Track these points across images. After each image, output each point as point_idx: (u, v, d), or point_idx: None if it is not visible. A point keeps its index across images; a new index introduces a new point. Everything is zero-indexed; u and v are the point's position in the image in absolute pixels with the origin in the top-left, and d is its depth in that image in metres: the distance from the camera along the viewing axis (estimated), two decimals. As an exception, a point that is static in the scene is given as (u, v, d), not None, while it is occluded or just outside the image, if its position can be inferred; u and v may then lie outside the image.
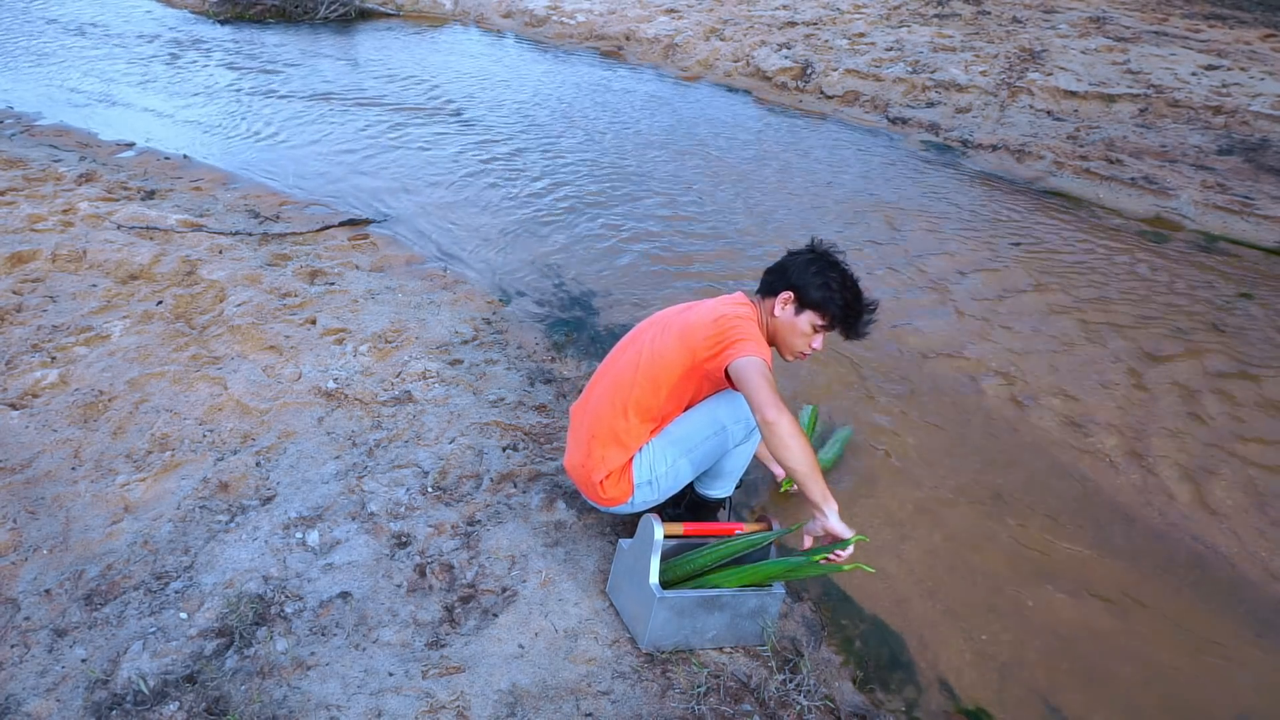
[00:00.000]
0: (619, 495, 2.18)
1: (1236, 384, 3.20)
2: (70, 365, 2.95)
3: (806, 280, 2.09)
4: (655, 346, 2.13)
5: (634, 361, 2.15)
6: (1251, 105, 5.85)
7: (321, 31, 9.00)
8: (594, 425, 2.16)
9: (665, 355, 2.10)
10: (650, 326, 2.23)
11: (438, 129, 6.01)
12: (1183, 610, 2.26)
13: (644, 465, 2.15)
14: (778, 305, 2.12)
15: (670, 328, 2.16)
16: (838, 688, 2.00)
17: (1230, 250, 4.31)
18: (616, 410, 2.13)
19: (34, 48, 8.10)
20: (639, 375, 2.12)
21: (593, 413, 2.18)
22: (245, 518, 2.33)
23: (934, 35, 7.68)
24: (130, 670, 1.86)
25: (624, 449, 2.14)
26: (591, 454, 2.16)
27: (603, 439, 2.14)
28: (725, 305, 2.13)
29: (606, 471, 2.15)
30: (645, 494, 2.19)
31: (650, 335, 2.18)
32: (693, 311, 2.17)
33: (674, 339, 2.11)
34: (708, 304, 2.19)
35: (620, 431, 2.13)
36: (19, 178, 4.66)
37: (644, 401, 2.11)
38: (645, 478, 2.16)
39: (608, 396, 2.16)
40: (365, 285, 3.69)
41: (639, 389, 2.11)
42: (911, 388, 3.16)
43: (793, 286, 2.10)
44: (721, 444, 2.14)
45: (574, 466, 2.24)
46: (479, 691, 1.85)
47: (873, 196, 4.93)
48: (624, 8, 9.04)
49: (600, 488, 2.17)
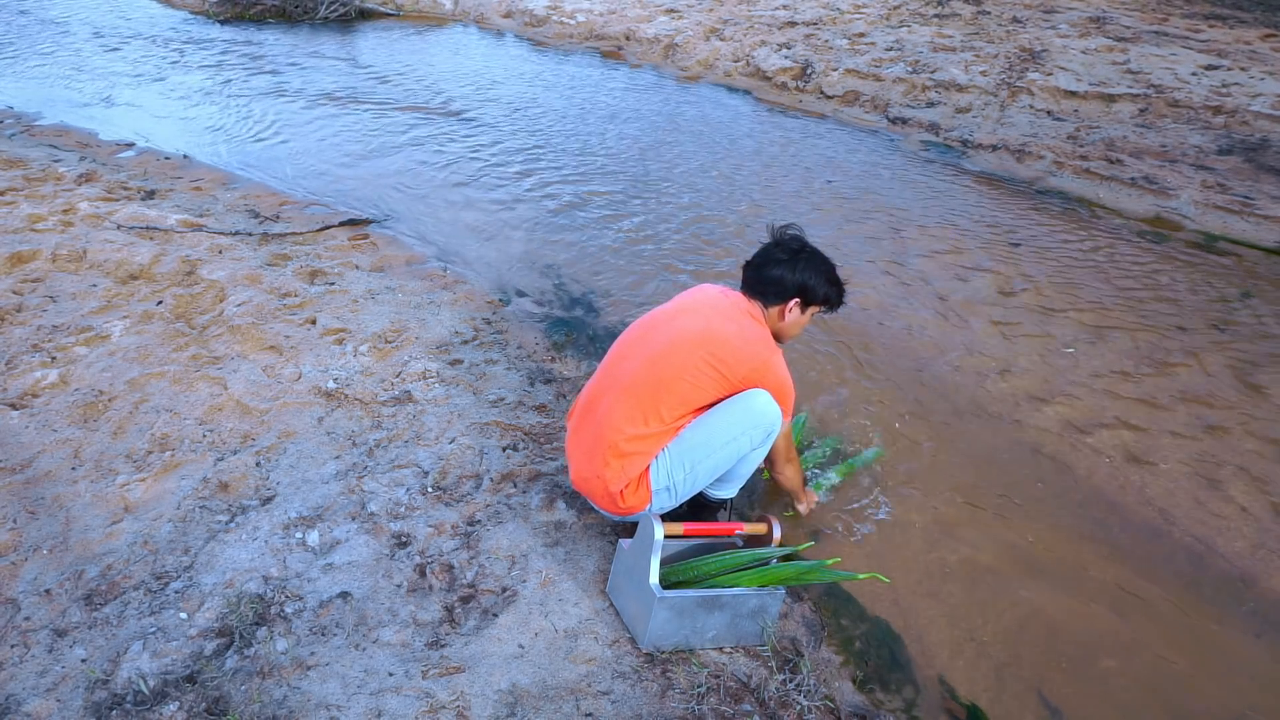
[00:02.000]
0: (637, 504, 2.16)
1: (1236, 384, 3.20)
2: (70, 365, 2.95)
3: (808, 283, 2.22)
4: (674, 358, 2.11)
5: (649, 371, 2.12)
6: (1251, 105, 5.85)
7: (321, 31, 9.00)
8: (609, 436, 2.13)
9: (689, 370, 2.09)
10: (653, 331, 2.21)
11: (438, 129, 6.01)
12: (1182, 609, 2.26)
13: (661, 472, 2.14)
14: (787, 312, 2.24)
15: (685, 336, 2.13)
16: (838, 688, 2.00)
17: (1230, 250, 4.31)
18: (635, 420, 2.11)
19: (34, 48, 8.11)
20: (658, 387, 2.10)
21: (605, 423, 2.14)
22: (245, 518, 2.33)
23: (934, 35, 7.68)
24: (130, 670, 1.86)
25: (642, 458, 2.13)
26: (609, 465, 2.13)
27: (620, 450, 2.11)
28: (748, 327, 2.17)
29: (626, 481, 2.13)
30: (663, 500, 2.18)
31: (660, 341, 2.15)
32: (708, 320, 2.15)
33: (698, 356, 2.10)
34: (723, 311, 2.18)
35: (639, 441, 2.11)
36: (19, 178, 4.66)
37: (662, 411, 2.10)
38: (663, 484, 2.15)
39: (622, 406, 2.12)
40: (365, 285, 3.69)
41: (657, 399, 2.10)
42: (910, 389, 3.16)
43: (798, 292, 2.22)
44: (737, 450, 2.14)
45: (587, 479, 2.20)
46: (479, 691, 1.85)
47: (873, 197, 4.93)
48: (624, 8, 9.04)
49: (620, 498, 2.15)
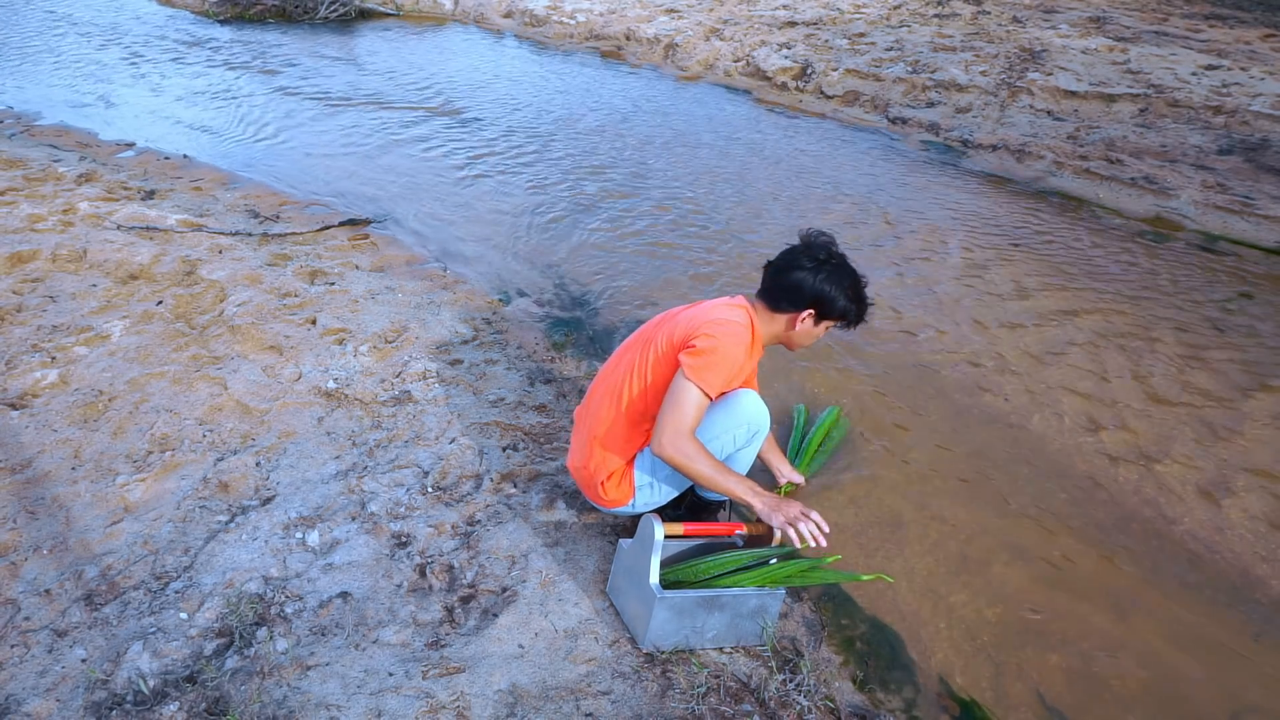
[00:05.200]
0: (620, 497, 2.19)
1: (1236, 384, 3.20)
2: (70, 365, 2.95)
3: (827, 294, 2.08)
4: (655, 350, 2.14)
5: (633, 363, 2.16)
6: (1251, 105, 5.85)
7: (321, 31, 9.00)
8: (594, 427, 2.17)
9: (662, 359, 2.11)
10: (653, 328, 2.23)
11: (438, 129, 6.01)
12: (1182, 609, 2.26)
13: (645, 467, 2.17)
14: (799, 322, 2.12)
15: (669, 330, 2.15)
16: (838, 688, 2.00)
17: (1230, 250, 4.31)
18: (617, 412, 2.14)
19: (34, 47, 8.10)
20: (636, 377, 2.13)
21: (593, 415, 2.19)
22: (245, 518, 2.33)
23: (934, 35, 7.68)
24: (130, 670, 1.86)
25: (623, 451, 2.16)
26: (593, 455, 2.17)
27: (603, 441, 2.15)
28: (721, 312, 2.10)
29: (608, 473, 2.16)
30: (646, 496, 2.20)
31: (652, 337, 2.18)
32: (690, 313, 2.17)
33: (667, 342, 2.11)
34: (706, 306, 2.18)
35: (620, 433, 2.14)
36: (19, 178, 4.66)
37: (640, 404, 2.12)
38: (646, 480, 2.18)
39: (608, 399, 2.17)
40: (365, 285, 3.69)
41: (636, 391, 2.12)
42: (910, 386, 3.16)
43: (814, 302, 2.09)
44: (722, 448, 2.15)
45: (576, 468, 2.25)
46: (479, 691, 1.85)
47: (872, 197, 4.93)
48: (624, 8, 9.04)
49: (602, 489, 2.18)
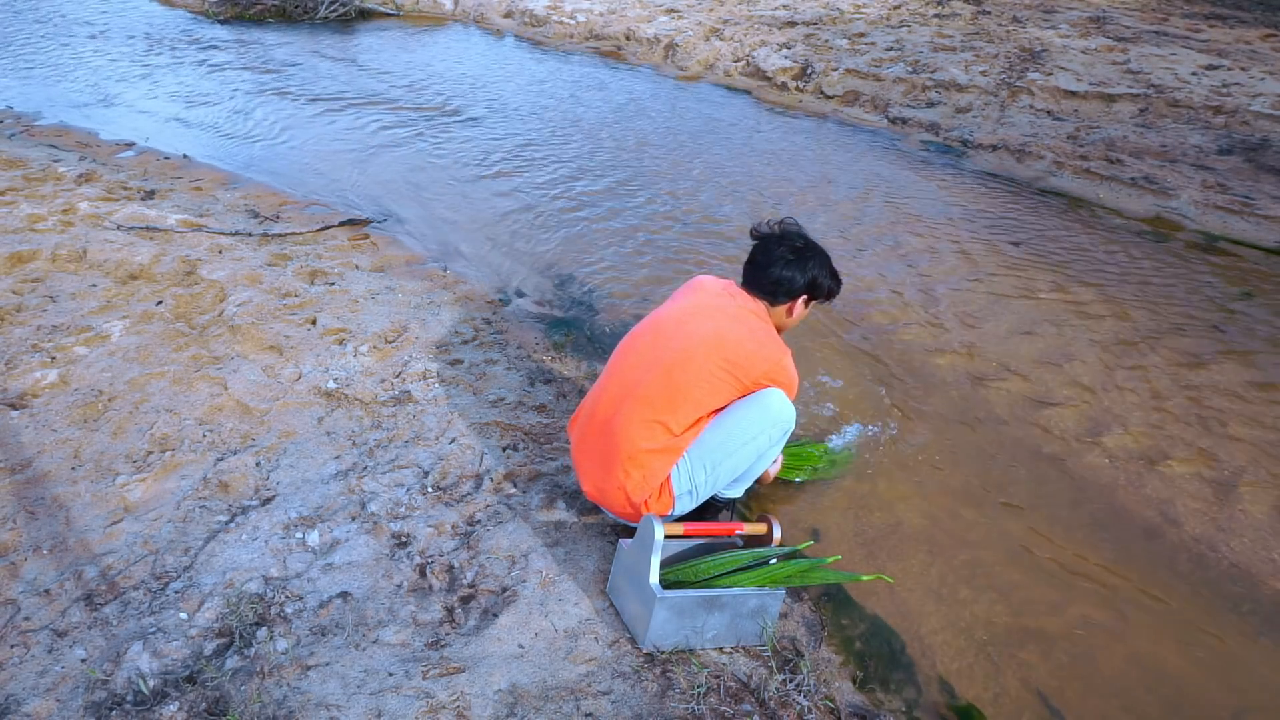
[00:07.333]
0: (660, 510, 2.16)
1: (1237, 384, 3.20)
2: (70, 365, 2.95)
3: (815, 280, 2.27)
4: (690, 365, 2.09)
5: (665, 380, 2.10)
6: (1252, 105, 5.85)
7: (321, 31, 9.00)
8: (626, 446, 2.10)
9: (704, 376, 2.08)
10: (661, 336, 2.17)
11: (438, 129, 6.01)
12: (1183, 609, 2.26)
13: (683, 476, 2.14)
14: (796, 309, 2.29)
15: (697, 343, 2.11)
16: (838, 688, 2.00)
17: (1230, 250, 4.31)
18: (653, 428, 2.09)
19: (34, 47, 8.10)
20: (675, 394, 2.09)
21: (621, 434, 2.11)
22: (245, 518, 2.33)
23: (934, 35, 7.68)
24: (130, 670, 1.86)
25: (664, 465, 2.12)
26: (630, 476, 2.11)
27: (640, 460, 2.10)
28: (758, 329, 2.17)
29: (649, 492, 2.12)
30: (685, 503, 2.18)
31: (673, 349, 2.12)
32: (717, 325, 2.14)
33: (712, 362, 2.08)
34: (730, 314, 2.17)
35: (661, 449, 2.10)
36: (19, 178, 4.66)
37: (680, 418, 2.10)
38: (686, 488, 2.15)
39: (638, 416, 2.10)
40: (365, 285, 3.69)
41: (675, 406, 2.09)
42: (911, 386, 3.16)
43: (807, 289, 2.27)
44: (756, 449, 2.15)
45: (605, 491, 2.18)
46: (479, 691, 1.85)
47: (872, 196, 4.93)
48: (624, 8, 9.04)
49: (644, 508, 2.14)
